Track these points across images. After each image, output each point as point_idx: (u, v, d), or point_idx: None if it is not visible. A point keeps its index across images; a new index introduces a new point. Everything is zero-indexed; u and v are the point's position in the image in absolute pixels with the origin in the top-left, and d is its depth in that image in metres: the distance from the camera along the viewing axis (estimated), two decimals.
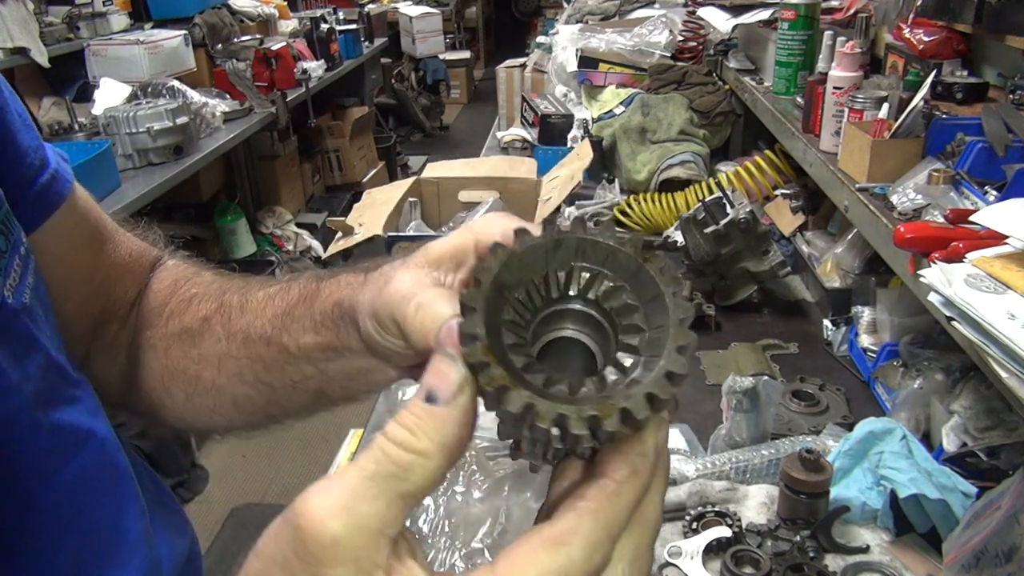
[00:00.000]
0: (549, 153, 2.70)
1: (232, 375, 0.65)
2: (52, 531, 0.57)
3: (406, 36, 7.72)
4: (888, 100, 1.39)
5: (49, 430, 0.57)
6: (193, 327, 0.68)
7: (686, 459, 1.32)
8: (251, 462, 3.39)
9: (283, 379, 0.63)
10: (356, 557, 0.33)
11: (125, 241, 0.74)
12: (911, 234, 1.11)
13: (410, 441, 0.34)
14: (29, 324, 0.57)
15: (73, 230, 0.67)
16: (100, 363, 0.72)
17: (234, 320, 0.65)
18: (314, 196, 5.52)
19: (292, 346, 0.61)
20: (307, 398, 0.64)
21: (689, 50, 2.83)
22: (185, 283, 0.73)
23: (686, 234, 1.87)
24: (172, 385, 0.69)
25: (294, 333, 0.60)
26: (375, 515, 0.33)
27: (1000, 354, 0.88)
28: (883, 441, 1.18)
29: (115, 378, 0.72)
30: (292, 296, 0.62)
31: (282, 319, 0.62)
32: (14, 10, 3.11)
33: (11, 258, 0.56)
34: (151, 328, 0.71)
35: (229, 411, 0.68)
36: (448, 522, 1.13)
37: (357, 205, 2.20)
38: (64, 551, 0.58)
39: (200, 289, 0.71)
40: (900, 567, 1.07)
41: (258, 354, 0.63)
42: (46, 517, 0.57)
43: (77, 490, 0.59)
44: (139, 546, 0.64)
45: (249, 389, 0.65)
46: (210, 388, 0.67)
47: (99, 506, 0.62)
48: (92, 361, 0.72)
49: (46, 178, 0.63)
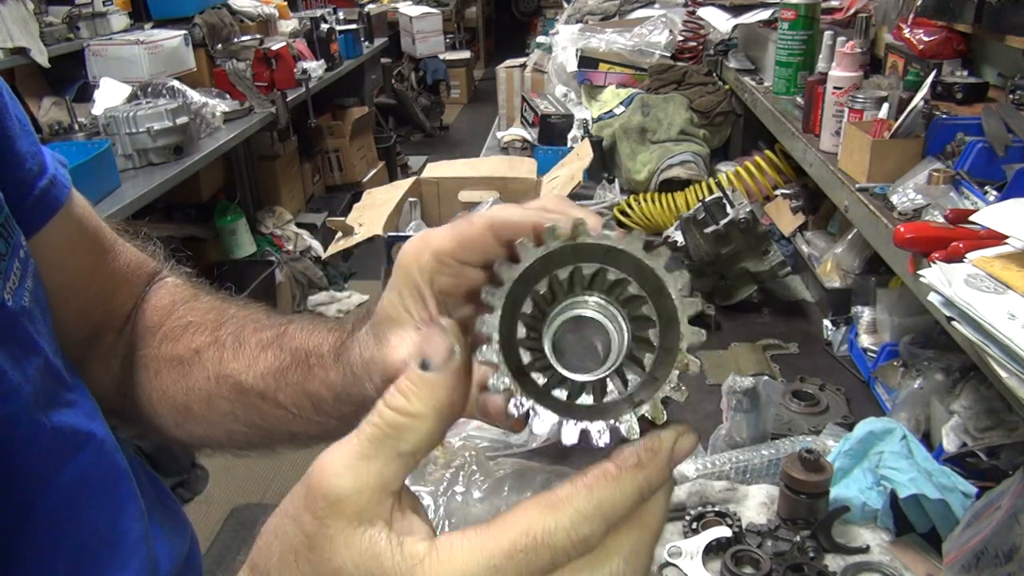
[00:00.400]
0: (549, 153, 2.70)
1: (224, 414, 0.66)
2: (51, 532, 0.57)
3: (406, 36, 7.72)
4: (888, 100, 1.39)
5: (49, 432, 0.57)
6: (185, 356, 0.68)
7: (686, 460, 1.32)
8: (251, 462, 3.39)
9: (281, 429, 0.65)
10: (359, 511, 0.36)
11: (124, 251, 0.74)
12: (911, 234, 1.11)
13: (404, 405, 0.37)
14: (28, 327, 0.57)
15: (71, 236, 0.68)
16: (95, 370, 0.73)
17: (225, 362, 0.66)
18: (314, 196, 5.52)
19: (289, 404, 0.62)
20: (308, 440, 0.65)
21: (689, 50, 2.83)
22: (182, 306, 0.73)
23: (686, 234, 1.87)
24: (162, 408, 0.70)
25: (289, 395, 0.62)
26: (375, 472, 0.37)
27: (1000, 354, 0.88)
28: (883, 441, 1.18)
29: (109, 386, 0.73)
30: (285, 358, 0.63)
31: (275, 377, 0.63)
32: (14, 10, 3.11)
33: (11, 261, 0.56)
34: (144, 347, 0.71)
35: (221, 439, 0.69)
36: (448, 522, 1.13)
37: (357, 205, 2.20)
38: (63, 552, 0.58)
39: (196, 317, 0.71)
40: (900, 567, 1.07)
41: (253, 404, 0.64)
42: (46, 518, 0.57)
43: (76, 491, 0.59)
44: (138, 547, 0.64)
45: (243, 427, 0.66)
46: (200, 420, 0.68)
47: (98, 507, 0.62)
48: (87, 368, 0.72)
49: (44, 183, 0.64)
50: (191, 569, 0.75)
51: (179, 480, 3.14)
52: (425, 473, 1.22)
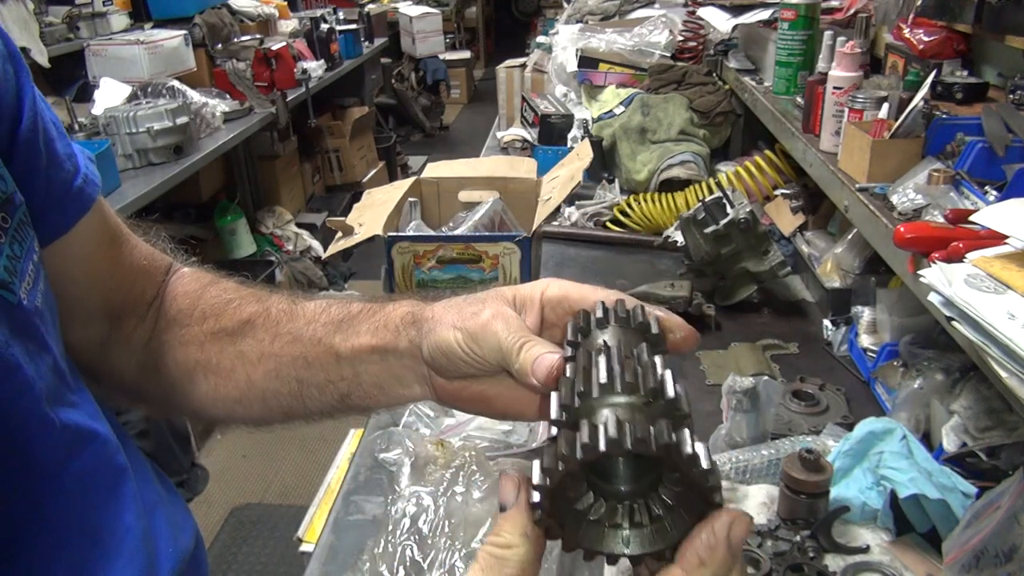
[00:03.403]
0: (549, 153, 2.70)
1: (268, 371, 0.73)
2: (58, 526, 0.59)
3: (406, 36, 7.72)
4: (888, 100, 1.39)
5: (58, 428, 0.58)
6: (232, 327, 0.76)
7: None
8: (251, 462, 3.39)
9: (318, 377, 0.71)
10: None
11: (139, 245, 0.80)
12: (911, 234, 1.11)
13: (498, 539, 0.48)
14: (40, 326, 0.60)
15: (97, 231, 0.73)
16: (117, 354, 0.78)
17: (282, 324, 0.74)
18: (314, 196, 5.51)
19: (342, 347, 0.70)
20: (332, 400, 0.72)
21: (689, 50, 2.83)
22: (213, 286, 0.80)
23: (686, 234, 1.87)
24: (200, 376, 0.76)
25: (348, 336, 0.70)
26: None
27: (1000, 354, 0.88)
28: (883, 441, 1.18)
29: (131, 368, 0.79)
30: (354, 308, 0.72)
31: (338, 324, 0.71)
32: (14, 10, 3.11)
33: (26, 262, 0.59)
34: (183, 327, 0.78)
35: (254, 404, 0.75)
36: (448, 522, 1.13)
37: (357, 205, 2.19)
38: (67, 548, 0.60)
39: (234, 294, 0.79)
40: (900, 567, 1.07)
41: (302, 353, 0.72)
42: (52, 513, 0.59)
43: (81, 487, 0.61)
44: (139, 546, 0.65)
45: (281, 386, 0.73)
46: (242, 382, 0.75)
47: (100, 505, 0.63)
48: (109, 351, 0.78)
49: (79, 183, 0.69)
50: (195, 568, 0.76)
51: (179, 480, 3.14)
52: (425, 473, 1.22)
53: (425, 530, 1.12)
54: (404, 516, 1.14)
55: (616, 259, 2.17)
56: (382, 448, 1.35)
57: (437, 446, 1.25)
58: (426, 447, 1.25)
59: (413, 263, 1.59)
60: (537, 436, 1.36)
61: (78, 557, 0.60)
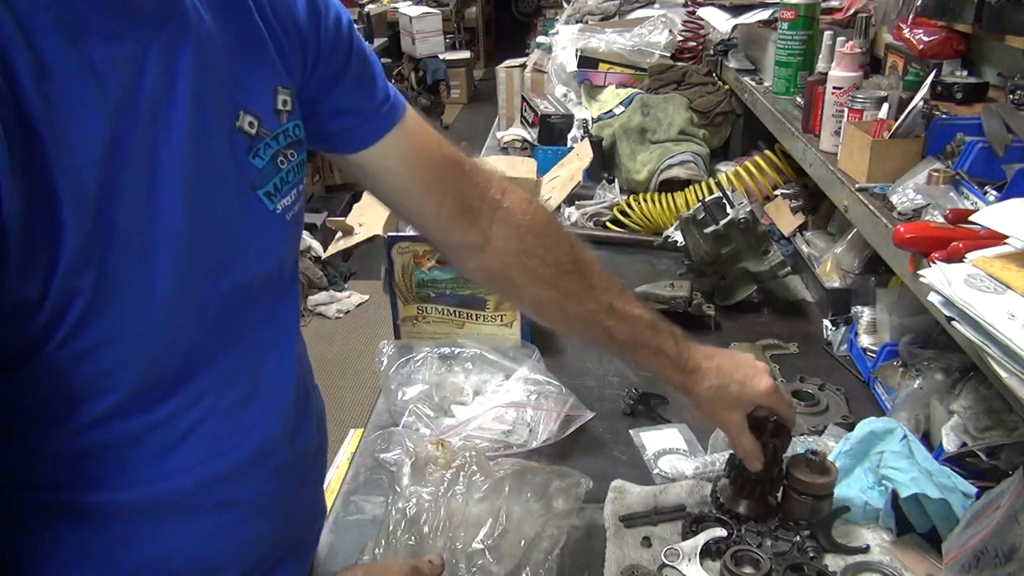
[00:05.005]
0: (549, 153, 2.70)
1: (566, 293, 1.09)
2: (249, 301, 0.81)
3: (406, 36, 7.71)
4: (888, 100, 1.39)
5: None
6: (567, 264, 1.09)
7: (686, 459, 1.32)
8: None
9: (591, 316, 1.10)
10: None
11: (461, 159, 1.05)
12: (911, 234, 1.11)
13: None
14: (281, 231, 0.82)
15: (403, 149, 0.97)
16: (459, 232, 1.05)
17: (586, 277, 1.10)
18: (314, 196, 5.51)
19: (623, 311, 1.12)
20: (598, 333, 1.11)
21: (689, 50, 2.83)
22: (551, 225, 1.12)
23: (686, 234, 1.87)
24: (517, 274, 1.07)
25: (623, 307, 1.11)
26: None
27: (1000, 354, 0.88)
28: (884, 441, 1.18)
29: (469, 246, 1.06)
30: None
31: (623, 303, 1.12)
32: None
33: (291, 189, 0.82)
34: (528, 255, 1.06)
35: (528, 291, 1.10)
36: (448, 522, 1.13)
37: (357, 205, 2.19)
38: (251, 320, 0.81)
39: (565, 239, 1.11)
40: (900, 567, 1.07)
41: (592, 286, 1.11)
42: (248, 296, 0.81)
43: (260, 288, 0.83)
44: (292, 342, 0.88)
45: (556, 294, 1.09)
46: (535, 296, 1.09)
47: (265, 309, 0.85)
48: (453, 224, 1.04)
49: (387, 106, 0.94)
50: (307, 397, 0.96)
51: None
52: (425, 473, 1.22)
53: (425, 530, 1.12)
54: (404, 516, 1.14)
55: (616, 259, 2.17)
56: (382, 448, 1.35)
57: (437, 446, 1.25)
58: (426, 447, 1.25)
59: (413, 263, 1.59)
60: (537, 436, 1.36)
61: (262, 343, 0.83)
